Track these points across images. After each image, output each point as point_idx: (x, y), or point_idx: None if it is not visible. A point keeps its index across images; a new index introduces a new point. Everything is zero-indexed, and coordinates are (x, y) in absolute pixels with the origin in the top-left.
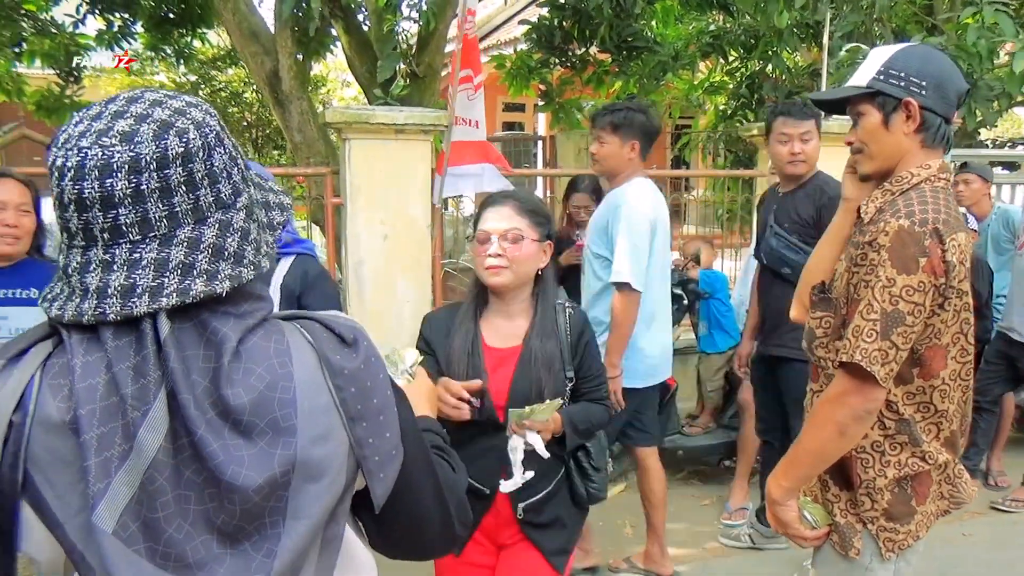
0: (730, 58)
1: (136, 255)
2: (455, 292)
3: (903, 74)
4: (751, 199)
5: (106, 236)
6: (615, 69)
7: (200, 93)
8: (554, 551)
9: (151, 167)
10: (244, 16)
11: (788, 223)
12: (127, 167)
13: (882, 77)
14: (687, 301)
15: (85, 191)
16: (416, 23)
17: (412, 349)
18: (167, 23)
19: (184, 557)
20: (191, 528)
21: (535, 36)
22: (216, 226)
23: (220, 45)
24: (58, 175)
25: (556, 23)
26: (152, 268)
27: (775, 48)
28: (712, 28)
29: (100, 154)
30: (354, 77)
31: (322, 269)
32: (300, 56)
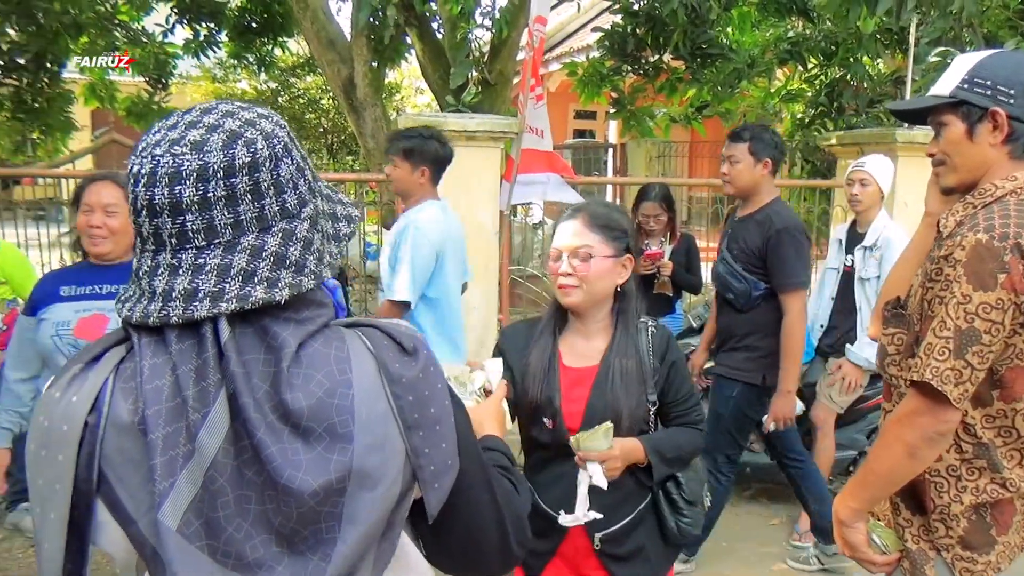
0: (809, 65)
1: (201, 260)
2: (522, 300)
3: (989, 82)
4: (828, 211)
5: (174, 241)
6: (688, 76)
7: (279, 100)
8: None
9: (218, 175)
10: (322, 25)
11: (736, 250)
12: (195, 175)
13: (966, 86)
14: None
15: (156, 197)
16: (489, 31)
17: (480, 371)
18: (250, 32)
19: (243, 555)
20: (250, 528)
21: (608, 43)
22: (280, 235)
23: (299, 53)
24: (133, 181)
25: (630, 30)
26: (215, 273)
27: (856, 55)
28: (791, 34)
29: (171, 162)
30: (427, 84)
31: None
32: (375, 64)
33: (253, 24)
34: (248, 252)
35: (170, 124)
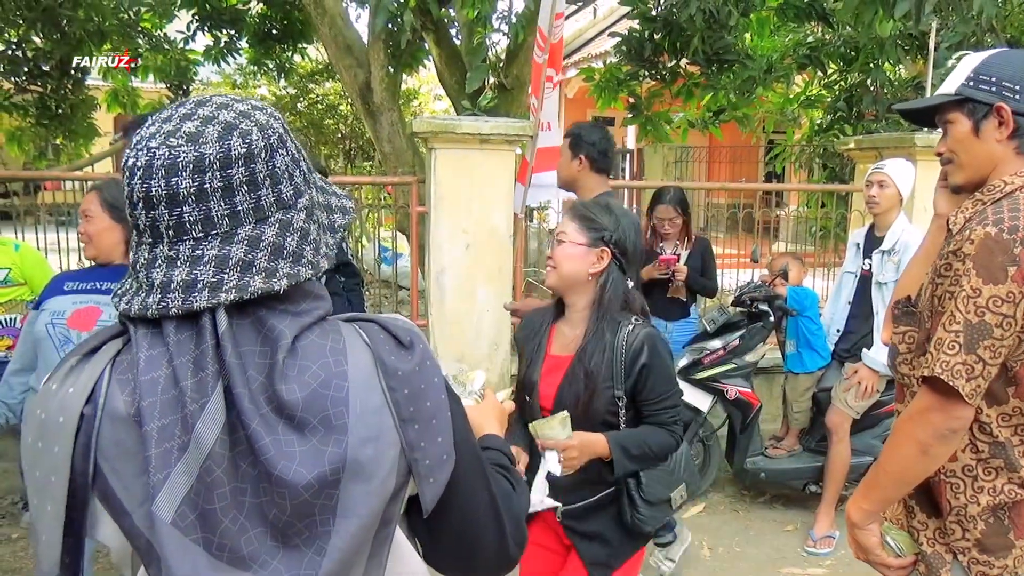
0: (828, 71)
1: (198, 252)
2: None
3: (994, 78)
4: (846, 215)
5: (171, 233)
6: (705, 82)
7: (299, 105)
8: (593, 562)
9: (214, 167)
10: (340, 30)
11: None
12: (191, 166)
13: (971, 83)
14: (773, 318)
15: (152, 189)
16: (506, 36)
17: (480, 371)
18: (270, 39)
19: (238, 549)
20: (245, 521)
21: (625, 48)
22: (276, 225)
23: (318, 60)
24: (128, 174)
25: (647, 35)
26: (213, 264)
27: (876, 60)
28: (810, 40)
29: (167, 154)
30: (444, 89)
31: None
32: (391, 69)
33: (273, 31)
34: (246, 243)
35: (164, 117)
